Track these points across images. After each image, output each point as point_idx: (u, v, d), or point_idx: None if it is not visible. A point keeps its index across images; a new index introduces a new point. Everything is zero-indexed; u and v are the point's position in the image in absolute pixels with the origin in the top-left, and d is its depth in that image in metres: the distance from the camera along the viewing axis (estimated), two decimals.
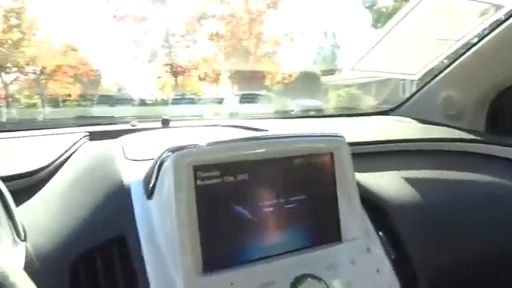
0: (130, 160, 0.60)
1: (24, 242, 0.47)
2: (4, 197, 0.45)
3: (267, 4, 13.87)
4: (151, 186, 0.49)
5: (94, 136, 0.86)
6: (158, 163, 0.48)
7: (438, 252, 0.68)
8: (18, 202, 0.56)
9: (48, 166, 0.63)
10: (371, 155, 0.92)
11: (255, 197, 0.50)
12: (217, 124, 1.05)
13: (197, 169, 0.47)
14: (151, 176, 0.49)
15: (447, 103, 1.19)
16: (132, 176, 0.54)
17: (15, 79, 13.49)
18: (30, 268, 0.44)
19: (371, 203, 0.66)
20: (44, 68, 13.39)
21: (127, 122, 1.00)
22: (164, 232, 0.46)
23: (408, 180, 0.80)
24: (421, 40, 1.10)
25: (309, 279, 0.47)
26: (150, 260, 0.45)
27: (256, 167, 0.51)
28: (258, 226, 0.50)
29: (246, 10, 13.81)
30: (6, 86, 13.10)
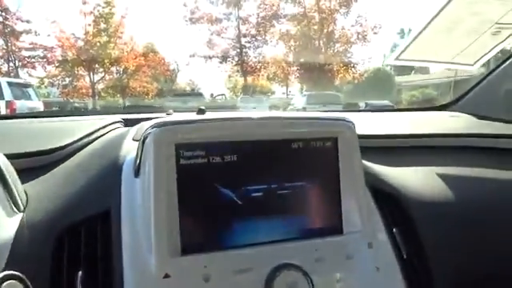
0: (135, 141, 0.60)
1: (22, 213, 0.49)
2: (0, 169, 0.48)
3: (339, 2, 13.56)
4: (137, 163, 0.49)
5: (127, 123, 0.89)
6: (141, 139, 0.47)
7: (461, 254, 0.59)
8: (35, 177, 0.60)
9: (66, 146, 0.66)
10: (409, 149, 0.84)
11: (244, 180, 0.47)
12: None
13: (180, 147, 0.45)
14: (137, 153, 0.49)
15: (509, 97, 1.06)
16: (128, 155, 0.54)
17: (101, 78, 14.75)
18: (21, 237, 0.46)
19: (391, 197, 0.60)
20: (126, 68, 14.46)
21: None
22: (143, 211, 0.45)
23: (442, 176, 0.72)
24: (478, 25, 0.98)
25: (289, 269, 0.43)
26: (127, 239, 0.45)
27: (246, 148, 0.48)
28: (245, 211, 0.47)
29: (317, 9, 13.62)
30: (93, 84, 14.38)
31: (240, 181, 0.47)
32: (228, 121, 0.48)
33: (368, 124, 0.86)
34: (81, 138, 0.69)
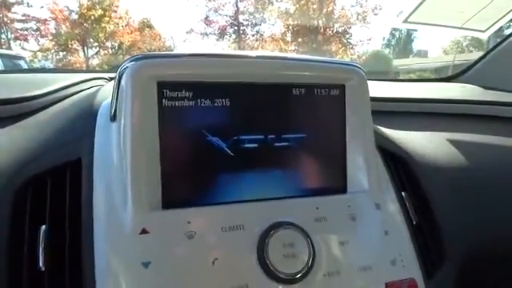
0: None
1: None
2: None
3: None
4: (114, 105, 0.42)
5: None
6: (117, 76, 0.40)
7: (474, 222, 0.54)
8: (5, 127, 0.53)
9: (38, 97, 0.59)
10: (418, 115, 0.79)
11: (236, 128, 0.41)
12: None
13: (163, 86, 0.39)
14: (113, 93, 0.42)
15: None
16: (106, 100, 0.47)
17: (96, 53, 14.45)
18: None
19: (398, 158, 0.54)
20: (121, 43, 14.17)
21: None
22: (119, 159, 0.39)
23: (453, 142, 0.66)
24: None
25: (286, 228, 0.37)
26: (99, 190, 0.38)
27: (241, 92, 0.41)
28: (237, 163, 0.41)
29: None
30: (87, 59, 14.12)
31: (232, 129, 0.41)
32: (221, 57, 0.41)
33: (373, 90, 0.80)
34: (56, 90, 0.62)
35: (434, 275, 0.47)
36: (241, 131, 0.41)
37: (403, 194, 0.50)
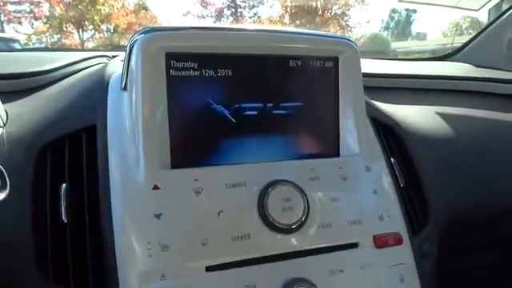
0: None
1: (1, 129, 0.46)
2: None
3: None
4: (124, 75, 0.45)
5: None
6: (128, 48, 0.43)
7: (458, 188, 0.59)
8: (16, 100, 0.57)
9: (49, 71, 0.62)
10: (409, 91, 0.82)
11: (238, 97, 0.45)
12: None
13: (170, 56, 0.42)
14: (124, 64, 0.45)
15: None
16: (116, 72, 0.51)
17: (91, 36, 14.29)
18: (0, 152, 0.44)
19: (388, 128, 0.58)
20: (117, 26, 14.00)
21: None
22: (131, 124, 0.43)
23: (443, 115, 0.70)
24: None
25: (284, 185, 0.41)
26: (114, 152, 0.42)
27: (242, 63, 0.45)
28: (238, 129, 0.44)
29: None
30: (82, 42, 13.95)
31: (234, 97, 0.45)
32: (224, 31, 0.45)
33: (367, 67, 0.83)
34: (66, 65, 0.66)
35: (419, 233, 0.51)
36: (242, 100, 0.45)
37: (392, 160, 0.54)
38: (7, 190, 0.35)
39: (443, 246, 0.55)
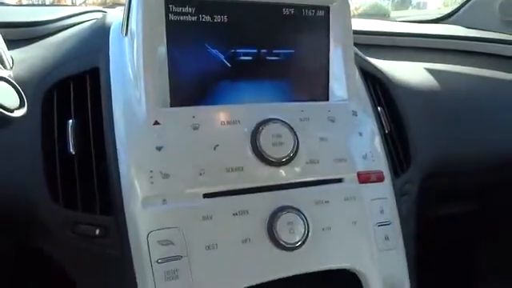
0: None
1: (8, 71, 0.48)
2: None
3: None
4: (125, 20, 0.48)
5: None
6: None
7: (444, 139, 0.62)
8: (21, 46, 0.59)
9: (52, 21, 0.64)
10: (399, 48, 0.85)
11: (233, 42, 0.47)
12: None
13: (169, 1, 0.44)
14: (125, 9, 0.47)
15: (505, 8, 1.05)
16: (117, 19, 0.53)
17: (84, 2, 13.93)
18: None
19: (376, 79, 0.61)
20: None
21: None
22: (132, 66, 0.45)
23: (431, 71, 0.73)
24: None
25: (275, 123, 0.45)
26: (117, 92, 0.45)
27: (237, 10, 0.47)
28: (233, 73, 0.47)
29: None
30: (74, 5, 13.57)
31: (230, 43, 0.47)
32: None
33: (360, 26, 0.85)
34: (66, 17, 0.67)
35: (401, 174, 0.55)
36: (237, 45, 0.47)
37: (379, 108, 0.57)
38: (25, 108, 0.38)
39: (423, 192, 0.59)
